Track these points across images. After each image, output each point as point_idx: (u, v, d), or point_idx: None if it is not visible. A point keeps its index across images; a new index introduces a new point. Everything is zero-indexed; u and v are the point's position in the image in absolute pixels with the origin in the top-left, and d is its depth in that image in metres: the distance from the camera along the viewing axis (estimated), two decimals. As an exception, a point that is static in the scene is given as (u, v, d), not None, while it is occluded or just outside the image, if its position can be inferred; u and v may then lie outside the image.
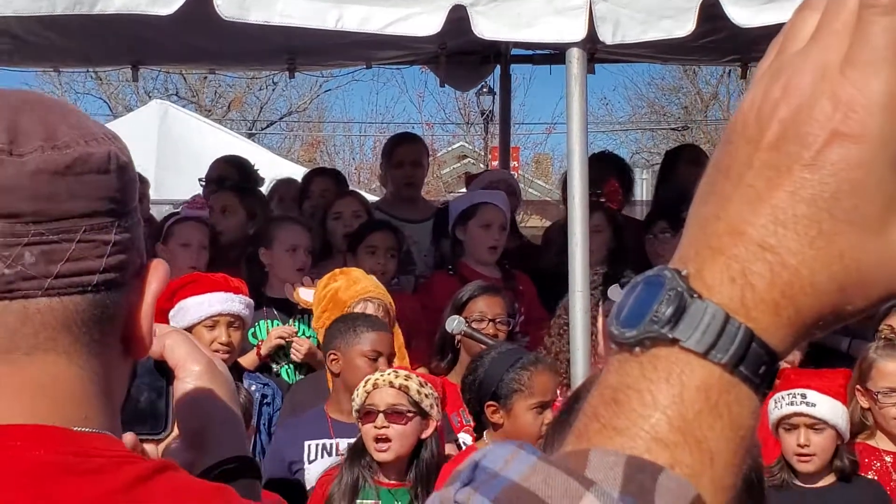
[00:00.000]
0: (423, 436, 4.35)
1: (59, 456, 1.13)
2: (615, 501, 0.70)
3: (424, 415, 4.34)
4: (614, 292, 4.94)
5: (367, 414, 4.31)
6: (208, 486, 1.21)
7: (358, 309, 5.04)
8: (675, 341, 0.75)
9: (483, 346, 5.00)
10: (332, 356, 4.80)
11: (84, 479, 1.12)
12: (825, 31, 0.77)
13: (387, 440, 4.28)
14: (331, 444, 4.77)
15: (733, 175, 0.78)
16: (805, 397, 4.45)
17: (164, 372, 1.48)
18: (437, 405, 4.39)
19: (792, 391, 4.48)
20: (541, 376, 4.42)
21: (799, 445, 4.46)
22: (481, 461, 0.74)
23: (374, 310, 5.05)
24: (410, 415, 4.30)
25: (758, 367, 0.75)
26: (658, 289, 0.77)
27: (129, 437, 1.41)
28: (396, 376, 4.34)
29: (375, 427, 4.27)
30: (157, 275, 1.26)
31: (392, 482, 4.34)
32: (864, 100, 0.74)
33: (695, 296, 0.76)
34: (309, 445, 4.77)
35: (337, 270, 5.31)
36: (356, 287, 5.13)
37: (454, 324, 5.14)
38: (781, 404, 4.49)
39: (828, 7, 0.78)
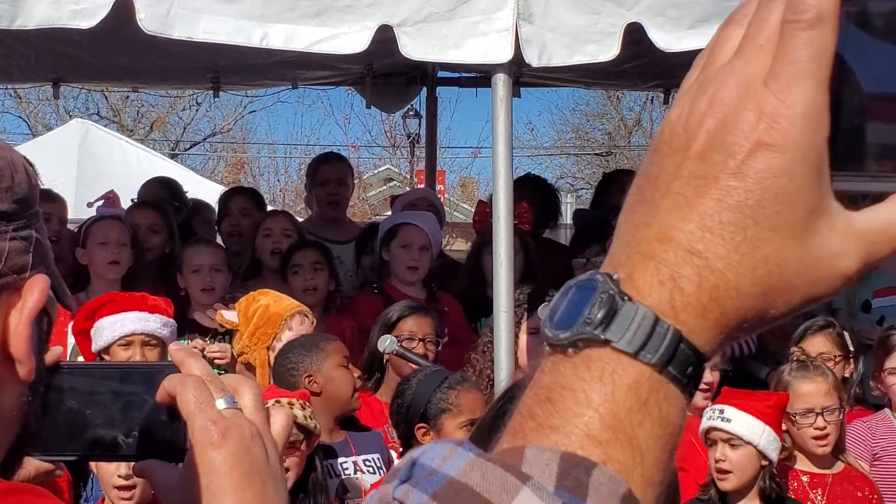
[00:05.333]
0: (309, 451, 4.34)
1: None
2: (551, 495, 0.71)
3: (309, 433, 4.32)
4: (543, 311, 4.96)
5: None
6: None
7: (295, 322, 5.04)
8: (607, 342, 0.78)
9: (413, 366, 5.02)
10: (308, 379, 4.70)
11: None
12: (749, 45, 0.80)
13: (286, 471, 4.25)
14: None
15: (661, 184, 0.80)
16: (722, 413, 4.48)
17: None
18: (314, 418, 4.38)
19: (713, 406, 4.51)
20: (467, 394, 4.45)
21: (717, 460, 4.48)
22: (419, 458, 0.75)
23: (308, 323, 5.09)
24: (301, 443, 4.28)
25: (685, 368, 0.78)
26: (590, 292, 0.80)
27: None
28: (282, 406, 4.30)
29: None
30: (32, 292, 1.21)
31: None
32: (787, 111, 0.77)
33: (626, 299, 0.78)
34: None
35: (255, 292, 5.31)
36: (285, 302, 5.14)
37: (386, 343, 5.16)
38: (704, 419, 4.52)
39: (751, 22, 0.80)
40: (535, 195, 7.15)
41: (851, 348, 5.49)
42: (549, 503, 0.71)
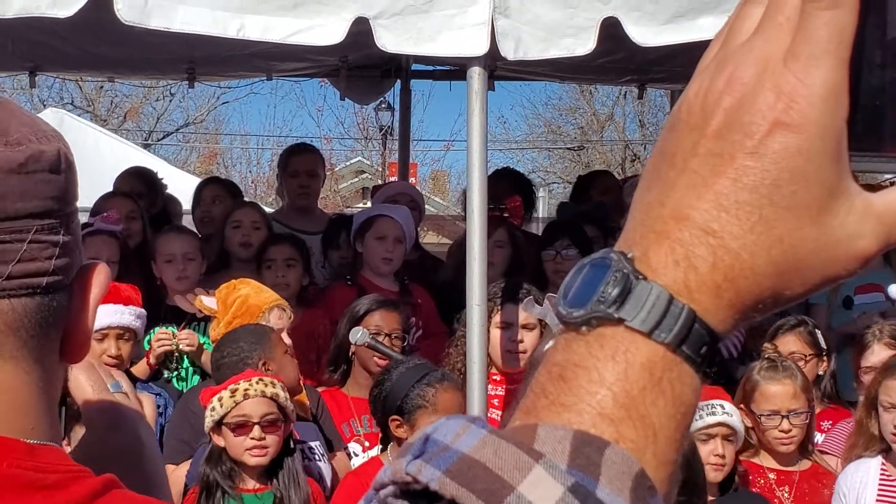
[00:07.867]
0: (286, 434, 4.37)
1: (20, 470, 1.09)
2: (563, 473, 0.71)
3: (286, 417, 4.37)
4: (528, 304, 5.00)
5: (240, 426, 4.27)
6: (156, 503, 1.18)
7: (273, 315, 5.04)
8: (620, 321, 0.78)
9: (385, 359, 5.01)
10: (265, 365, 4.69)
11: (43, 495, 1.08)
12: (769, 24, 0.79)
13: (264, 447, 4.29)
14: None
15: (678, 162, 0.80)
16: (724, 408, 4.53)
17: None
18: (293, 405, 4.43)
19: (710, 402, 4.52)
20: (445, 393, 4.45)
21: (717, 455, 4.50)
22: (432, 434, 0.75)
23: (286, 318, 5.10)
24: (281, 424, 4.32)
25: (699, 347, 0.78)
26: (605, 270, 0.79)
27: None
28: (266, 385, 4.32)
29: (253, 438, 4.26)
30: (99, 279, 1.24)
31: (254, 487, 4.34)
32: (806, 91, 0.77)
33: (640, 277, 0.78)
34: None
35: (235, 280, 5.30)
36: (265, 294, 5.15)
37: (358, 335, 5.13)
38: (701, 415, 4.50)
39: (772, 0, 0.80)
40: (513, 188, 7.21)
41: (824, 346, 5.51)
42: (562, 481, 0.71)
